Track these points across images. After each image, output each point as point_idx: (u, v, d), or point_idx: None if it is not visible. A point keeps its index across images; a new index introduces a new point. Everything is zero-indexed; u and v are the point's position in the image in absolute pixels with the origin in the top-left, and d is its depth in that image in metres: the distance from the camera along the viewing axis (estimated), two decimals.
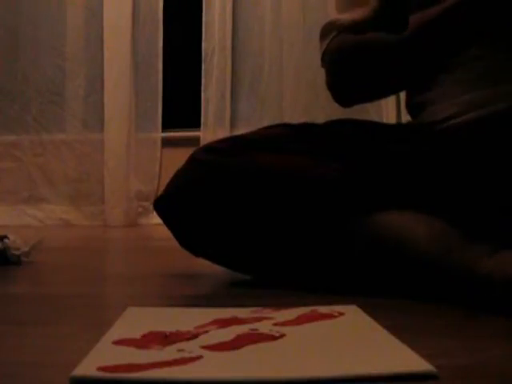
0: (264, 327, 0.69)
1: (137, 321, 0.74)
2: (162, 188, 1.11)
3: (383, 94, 1.19)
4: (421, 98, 1.08)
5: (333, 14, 1.10)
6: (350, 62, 1.08)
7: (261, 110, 2.73)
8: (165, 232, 1.15)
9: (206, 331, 0.67)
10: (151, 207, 2.64)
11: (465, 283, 0.83)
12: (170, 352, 0.59)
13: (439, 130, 1.02)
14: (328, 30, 1.10)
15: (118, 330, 0.68)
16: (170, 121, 2.80)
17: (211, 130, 2.70)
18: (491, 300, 0.80)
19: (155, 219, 2.50)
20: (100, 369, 0.54)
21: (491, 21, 0.97)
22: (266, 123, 1.60)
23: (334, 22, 1.09)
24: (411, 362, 0.56)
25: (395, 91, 1.11)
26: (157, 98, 2.75)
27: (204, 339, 0.64)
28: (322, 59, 1.13)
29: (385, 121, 2.51)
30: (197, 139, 2.66)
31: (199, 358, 0.57)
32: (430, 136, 1.03)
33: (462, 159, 0.98)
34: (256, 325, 0.70)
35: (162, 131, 2.77)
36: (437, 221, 0.90)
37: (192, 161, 1.08)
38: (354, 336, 0.67)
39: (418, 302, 0.85)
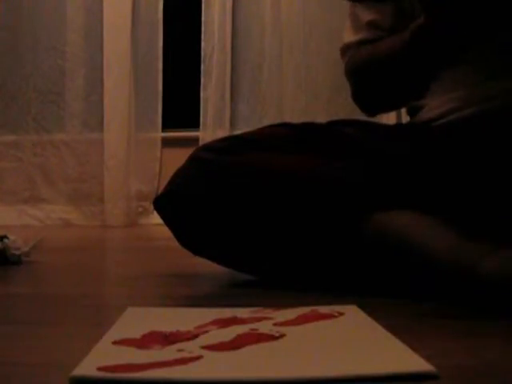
0: (264, 327, 0.68)
1: (137, 321, 0.74)
2: (161, 188, 1.11)
3: (402, 100, 1.20)
4: (419, 100, 1.09)
5: (347, 36, 1.17)
6: (365, 73, 1.13)
7: (260, 110, 2.73)
8: (165, 232, 1.15)
9: (206, 331, 0.67)
10: (151, 207, 2.64)
11: (465, 282, 0.83)
12: (170, 352, 0.59)
13: (436, 127, 1.03)
14: (344, 49, 1.17)
15: (118, 330, 0.68)
16: (169, 121, 2.81)
17: (211, 130, 2.70)
18: (491, 300, 0.80)
19: (155, 219, 2.51)
20: (100, 369, 0.54)
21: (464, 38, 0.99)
22: (265, 123, 1.60)
23: (349, 42, 1.16)
24: (411, 361, 0.56)
25: (411, 95, 1.13)
26: (157, 98, 2.76)
27: (204, 339, 0.64)
28: (345, 74, 1.19)
29: (385, 121, 2.51)
30: (197, 139, 2.67)
31: (199, 357, 0.57)
32: (427, 134, 1.03)
33: (459, 157, 0.98)
34: (256, 325, 0.70)
35: (162, 131, 2.77)
36: (438, 220, 0.90)
37: (192, 160, 1.08)
38: (354, 336, 0.67)
39: (418, 302, 0.85)
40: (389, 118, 2.53)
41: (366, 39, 1.13)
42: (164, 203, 1.07)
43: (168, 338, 0.64)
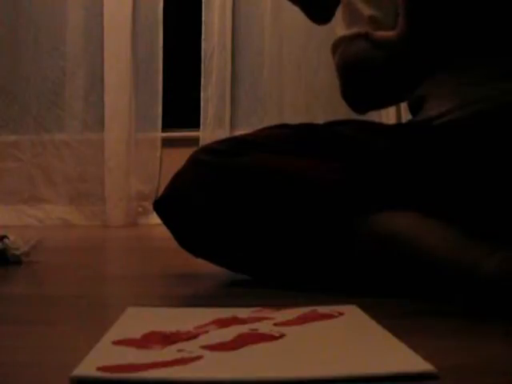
0: (264, 327, 0.69)
1: (137, 321, 0.74)
2: (162, 188, 1.11)
3: (392, 100, 1.19)
4: (419, 92, 1.09)
5: (340, 30, 1.12)
6: (357, 69, 1.09)
7: (261, 110, 2.73)
8: (165, 232, 1.15)
9: (206, 331, 0.67)
10: (151, 207, 2.63)
11: (465, 282, 0.83)
12: (169, 352, 0.59)
13: (436, 127, 1.03)
14: (337, 43, 1.13)
15: (118, 330, 0.68)
16: (169, 121, 2.81)
17: (211, 130, 2.70)
18: (492, 299, 0.80)
19: (155, 219, 2.49)
20: (100, 369, 0.54)
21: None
22: (265, 123, 1.60)
23: (342, 36, 1.11)
24: (411, 361, 0.56)
25: (402, 96, 1.12)
26: (157, 97, 2.75)
27: (204, 339, 0.64)
28: (336, 70, 1.15)
29: (385, 121, 2.51)
30: (197, 139, 2.67)
31: (199, 357, 0.57)
32: (427, 134, 1.03)
33: (459, 156, 0.98)
34: (256, 325, 0.70)
35: (162, 131, 2.77)
36: (438, 220, 0.91)
37: (192, 162, 1.08)
38: (354, 336, 0.67)
39: (417, 302, 0.85)
40: (389, 118, 2.54)
41: (362, 33, 1.08)
42: (164, 205, 1.07)
43: (168, 338, 0.64)
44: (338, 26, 1.12)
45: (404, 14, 0.94)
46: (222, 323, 0.70)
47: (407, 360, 0.56)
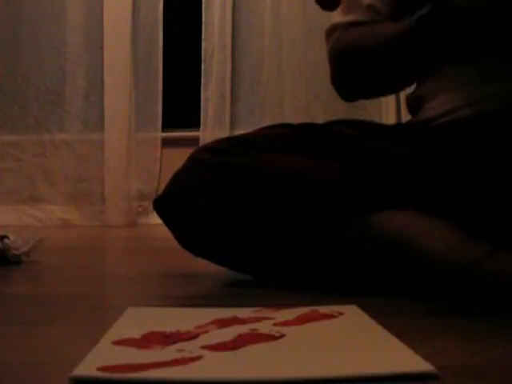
0: (264, 327, 0.68)
1: (137, 321, 0.74)
2: (162, 188, 1.11)
3: (384, 90, 1.19)
4: (418, 91, 1.09)
5: (336, 17, 1.11)
6: (351, 56, 1.09)
7: (261, 109, 2.73)
8: (165, 232, 1.15)
9: (206, 331, 0.67)
10: (151, 207, 2.63)
11: (465, 283, 0.83)
12: (169, 352, 0.59)
13: (435, 127, 1.03)
14: (331, 30, 1.12)
15: (118, 330, 0.68)
16: (170, 121, 2.81)
17: (211, 129, 2.70)
18: (491, 299, 0.80)
19: (155, 219, 2.50)
20: (100, 369, 0.54)
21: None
22: (265, 123, 1.60)
23: (337, 23, 1.11)
24: (411, 361, 0.56)
25: (395, 87, 1.12)
26: (157, 97, 2.76)
27: (204, 339, 0.64)
28: (328, 56, 1.14)
29: (385, 121, 2.51)
30: (197, 139, 2.67)
31: (199, 358, 0.57)
32: (427, 134, 1.03)
33: (459, 156, 0.98)
34: (256, 325, 0.70)
35: (162, 131, 2.77)
36: (437, 220, 0.91)
37: (192, 161, 1.08)
38: (353, 336, 0.67)
39: (417, 302, 0.85)
40: (389, 118, 2.54)
41: (358, 21, 1.08)
42: (164, 204, 1.07)
43: (168, 338, 0.64)
44: (335, 12, 1.12)
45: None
46: (222, 323, 0.70)
47: (407, 360, 0.56)
